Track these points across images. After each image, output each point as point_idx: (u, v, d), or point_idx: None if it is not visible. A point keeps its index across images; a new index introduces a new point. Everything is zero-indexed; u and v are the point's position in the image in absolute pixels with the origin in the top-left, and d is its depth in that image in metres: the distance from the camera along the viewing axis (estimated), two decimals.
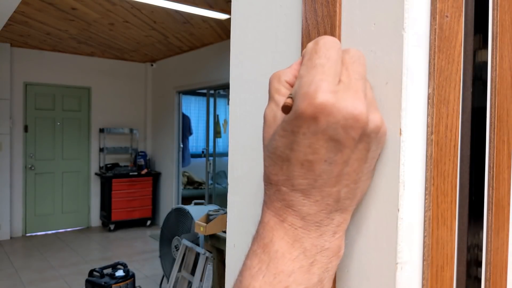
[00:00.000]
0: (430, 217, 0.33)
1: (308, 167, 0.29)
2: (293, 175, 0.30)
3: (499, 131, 0.42)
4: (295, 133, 0.29)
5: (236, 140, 0.48)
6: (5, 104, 5.80)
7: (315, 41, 0.31)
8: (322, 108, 0.27)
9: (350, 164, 0.30)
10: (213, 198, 5.93)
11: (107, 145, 6.69)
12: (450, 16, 0.34)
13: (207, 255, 3.26)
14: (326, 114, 0.28)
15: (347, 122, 0.28)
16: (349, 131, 0.28)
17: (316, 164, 0.29)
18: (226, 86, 5.30)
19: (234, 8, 0.49)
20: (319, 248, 0.30)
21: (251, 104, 0.46)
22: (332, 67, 0.29)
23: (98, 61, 6.62)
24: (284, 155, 0.30)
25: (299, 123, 0.28)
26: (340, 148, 0.29)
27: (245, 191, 0.47)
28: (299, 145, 0.29)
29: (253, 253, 0.31)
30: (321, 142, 0.28)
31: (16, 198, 6.00)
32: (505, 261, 0.44)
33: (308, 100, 0.28)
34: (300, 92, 0.28)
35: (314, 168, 0.29)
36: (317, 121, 0.28)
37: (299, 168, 0.29)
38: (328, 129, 0.28)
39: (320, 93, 0.28)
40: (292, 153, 0.29)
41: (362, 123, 0.28)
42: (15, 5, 3.68)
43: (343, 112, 0.28)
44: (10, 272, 4.62)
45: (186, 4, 3.92)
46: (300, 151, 0.29)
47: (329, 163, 0.29)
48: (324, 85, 0.28)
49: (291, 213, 0.30)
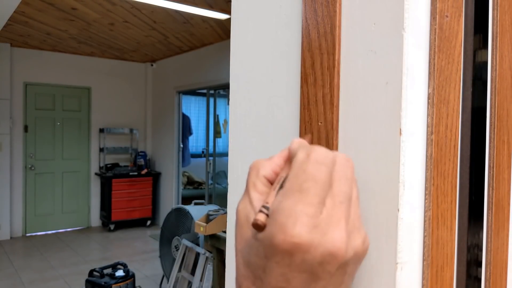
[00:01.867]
0: (430, 217, 0.33)
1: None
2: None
3: (499, 131, 0.42)
4: (268, 259, 0.27)
5: (236, 140, 0.48)
6: (5, 104, 5.80)
7: (306, 153, 0.29)
8: (298, 247, 0.26)
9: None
10: (213, 198, 5.93)
11: (107, 145, 6.68)
12: (450, 16, 0.34)
13: (207, 255, 3.26)
14: (302, 252, 0.26)
15: (324, 259, 0.26)
16: (326, 266, 0.27)
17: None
18: (226, 86, 5.30)
19: (234, 8, 0.49)
20: None
21: (251, 104, 0.46)
22: (317, 193, 0.27)
23: (98, 61, 6.62)
24: (257, 274, 0.28)
25: (273, 252, 0.27)
26: (315, 279, 0.27)
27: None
28: (272, 271, 0.27)
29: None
30: (294, 274, 0.27)
31: (16, 198, 5.99)
32: (505, 261, 0.44)
33: (284, 235, 0.26)
34: (277, 219, 0.26)
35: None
36: (292, 256, 0.26)
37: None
38: (303, 264, 0.27)
39: (299, 228, 0.26)
40: (265, 275, 0.28)
41: (340, 258, 0.27)
42: (15, 5, 3.68)
43: (320, 249, 0.26)
44: (10, 272, 4.62)
45: (186, 4, 3.92)
46: (272, 277, 0.27)
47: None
48: (304, 220, 0.26)
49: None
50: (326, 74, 0.36)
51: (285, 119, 0.41)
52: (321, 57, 0.36)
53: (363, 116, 0.34)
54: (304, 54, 0.38)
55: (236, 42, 0.48)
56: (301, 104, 0.38)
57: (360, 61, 0.35)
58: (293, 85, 0.40)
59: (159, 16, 4.39)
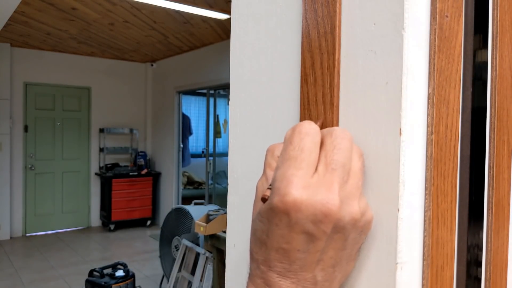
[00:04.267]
0: (430, 217, 0.33)
1: (283, 253, 0.30)
2: (269, 258, 0.31)
3: (499, 131, 0.42)
4: (270, 222, 0.30)
5: (236, 140, 0.48)
6: (5, 104, 5.80)
7: (292, 128, 0.32)
8: (292, 205, 0.28)
9: (325, 252, 0.30)
10: (213, 198, 5.93)
11: (107, 145, 6.68)
12: (450, 16, 0.34)
13: (207, 255, 3.26)
14: (295, 211, 0.29)
15: (316, 217, 0.29)
16: (319, 225, 0.29)
17: (290, 252, 0.30)
18: (226, 86, 5.31)
19: (234, 8, 0.49)
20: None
21: (251, 104, 0.46)
22: (305, 159, 0.30)
23: (98, 61, 6.62)
24: (262, 239, 0.31)
25: (272, 215, 0.30)
26: (312, 240, 0.30)
27: (245, 191, 0.47)
28: (273, 233, 0.30)
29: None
30: (293, 234, 0.29)
31: (16, 198, 5.99)
32: (505, 261, 0.44)
33: (279, 196, 0.29)
34: (274, 185, 0.30)
35: (288, 255, 0.30)
36: (288, 216, 0.29)
37: (275, 253, 0.30)
38: (298, 223, 0.29)
39: (290, 189, 0.29)
40: (268, 239, 0.31)
41: (333, 218, 0.29)
42: (15, 5, 3.68)
43: (312, 209, 0.29)
44: (10, 272, 4.62)
45: (186, 4, 3.92)
46: (274, 239, 0.30)
47: (303, 252, 0.30)
48: (295, 181, 0.29)
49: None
50: (326, 74, 0.36)
51: (285, 119, 0.41)
52: (321, 57, 0.36)
53: (363, 116, 0.34)
54: (304, 54, 0.38)
55: (236, 42, 0.48)
56: (301, 104, 0.38)
57: (360, 61, 0.35)
58: (293, 85, 0.40)
59: (159, 16, 4.39)
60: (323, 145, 0.31)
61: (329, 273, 0.31)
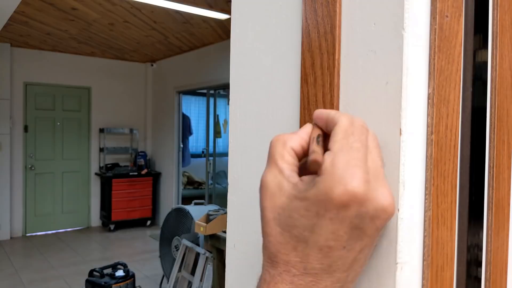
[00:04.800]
0: (430, 217, 0.33)
1: (326, 252, 0.28)
2: (307, 259, 0.28)
3: (499, 131, 0.42)
4: (320, 216, 0.28)
5: (236, 140, 0.48)
6: (5, 104, 5.80)
7: (349, 120, 0.30)
8: (357, 197, 0.27)
9: (364, 250, 0.29)
10: (213, 198, 5.93)
11: (107, 145, 6.68)
12: (450, 16, 0.34)
13: (207, 255, 3.26)
14: (358, 204, 0.27)
15: (376, 213, 0.28)
16: (376, 221, 0.28)
17: (335, 250, 0.28)
18: (226, 86, 5.30)
19: (234, 8, 0.49)
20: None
21: (251, 104, 0.46)
22: (365, 153, 0.29)
23: (98, 61, 6.61)
24: (301, 236, 0.28)
25: (328, 207, 0.27)
26: (362, 237, 0.28)
27: (245, 191, 0.47)
28: (322, 229, 0.28)
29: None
30: (346, 229, 0.28)
31: (16, 198, 5.99)
32: (505, 261, 0.44)
33: (343, 185, 0.27)
34: (335, 173, 0.27)
35: (332, 254, 0.28)
36: (348, 209, 0.27)
37: (316, 252, 0.28)
38: (356, 218, 0.27)
39: (356, 181, 0.27)
40: (312, 235, 0.28)
41: (390, 214, 0.28)
42: (15, 5, 3.68)
43: (374, 203, 0.27)
44: (10, 272, 4.62)
45: (186, 4, 3.92)
46: (321, 235, 0.28)
47: (347, 250, 0.28)
48: (360, 173, 0.27)
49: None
50: (326, 74, 0.36)
51: (285, 119, 0.41)
52: (321, 57, 0.36)
53: (363, 116, 0.34)
54: (304, 54, 0.38)
55: (236, 42, 0.48)
56: (301, 104, 0.38)
57: (360, 61, 0.35)
58: (293, 85, 0.40)
59: (159, 16, 4.39)
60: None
61: (357, 273, 0.30)
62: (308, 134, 0.33)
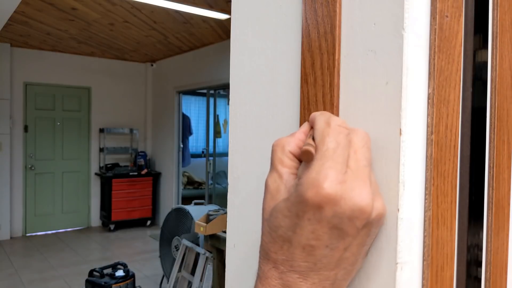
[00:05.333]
0: (430, 217, 0.33)
1: (309, 251, 0.29)
2: (293, 257, 0.30)
3: (499, 131, 0.42)
4: (300, 217, 0.29)
5: (236, 140, 0.48)
6: (5, 104, 5.80)
7: (326, 121, 0.31)
8: (329, 199, 0.28)
9: (350, 249, 0.30)
10: (213, 198, 5.93)
11: (107, 145, 6.68)
12: (450, 16, 0.34)
13: (207, 255, 3.26)
14: (332, 204, 0.28)
15: (353, 213, 0.28)
16: (354, 221, 0.28)
17: (317, 249, 0.29)
18: (226, 86, 5.30)
19: (234, 8, 0.49)
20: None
21: (251, 104, 0.46)
22: (341, 153, 0.29)
23: (98, 61, 6.62)
24: (286, 236, 0.30)
25: (305, 208, 0.28)
26: (343, 236, 0.29)
27: (245, 191, 0.47)
28: (302, 229, 0.29)
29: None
30: (325, 229, 0.29)
31: (16, 198, 5.99)
32: (505, 261, 0.44)
33: (315, 188, 0.28)
34: (309, 177, 0.28)
35: (315, 252, 0.29)
36: (323, 210, 0.28)
37: (300, 251, 0.29)
38: (333, 218, 0.28)
39: (328, 182, 0.28)
40: (294, 235, 0.29)
41: (368, 214, 0.29)
42: (15, 5, 3.68)
43: (350, 203, 0.28)
44: (10, 272, 4.62)
45: (186, 4, 3.92)
46: (302, 235, 0.29)
47: (331, 249, 0.29)
48: (333, 174, 0.28)
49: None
50: (326, 74, 0.36)
51: (285, 119, 0.41)
52: (321, 57, 0.36)
53: (363, 116, 0.34)
54: (304, 54, 0.38)
55: (236, 42, 0.48)
56: (301, 104, 0.38)
57: (360, 61, 0.35)
58: (293, 85, 0.40)
59: (159, 16, 4.39)
60: (351, 142, 0.31)
61: (348, 271, 0.31)
62: (306, 134, 0.33)
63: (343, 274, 0.31)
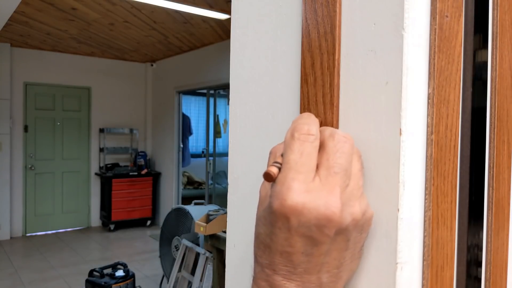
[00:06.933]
0: (430, 217, 0.33)
1: (287, 257, 0.30)
2: (274, 262, 0.31)
3: (499, 131, 0.42)
4: (273, 226, 0.30)
5: (236, 140, 0.48)
6: (5, 104, 5.80)
7: (291, 132, 0.31)
8: (293, 210, 0.28)
9: (329, 254, 0.30)
10: (213, 198, 5.93)
11: (107, 145, 6.68)
12: (450, 16, 0.34)
13: (207, 255, 3.26)
14: (297, 215, 0.28)
15: (320, 221, 0.28)
16: (323, 229, 0.29)
17: (293, 255, 0.30)
18: (226, 86, 5.30)
19: (234, 8, 0.49)
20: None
21: (251, 104, 0.46)
22: (305, 163, 0.30)
23: (98, 61, 6.62)
24: (265, 242, 0.31)
25: (275, 218, 0.29)
26: (316, 243, 0.29)
27: (245, 191, 0.47)
28: (277, 237, 0.30)
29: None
30: (295, 238, 0.29)
31: (16, 198, 5.99)
32: (505, 261, 0.44)
33: (279, 200, 0.29)
34: (275, 189, 0.29)
35: (292, 258, 0.30)
36: (289, 220, 0.29)
37: (279, 256, 0.30)
38: (300, 227, 0.29)
39: (291, 193, 0.28)
40: (272, 242, 0.30)
41: (335, 222, 0.29)
42: (15, 5, 3.68)
43: (314, 213, 0.28)
44: (10, 272, 4.62)
45: (186, 4, 3.92)
46: (278, 242, 0.30)
47: (307, 255, 0.30)
48: (295, 185, 0.29)
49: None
50: (326, 74, 0.36)
51: (285, 119, 0.41)
52: (321, 57, 0.36)
53: (363, 116, 0.34)
54: (304, 54, 0.38)
55: (236, 42, 0.48)
56: (301, 104, 0.38)
57: (360, 61, 0.35)
58: (293, 85, 0.40)
59: (159, 16, 4.39)
60: (325, 147, 0.31)
61: (334, 274, 0.31)
62: None
63: (329, 277, 0.31)
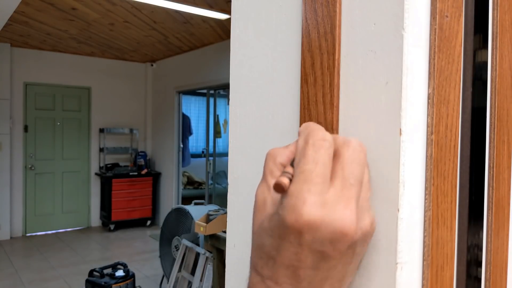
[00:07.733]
0: (430, 217, 0.33)
1: (293, 271, 0.29)
2: (277, 274, 0.29)
3: (499, 131, 0.42)
4: (282, 239, 0.28)
5: (236, 140, 0.48)
6: (5, 104, 5.80)
7: (305, 139, 0.30)
8: (309, 225, 0.27)
9: (335, 268, 0.29)
10: (213, 198, 5.93)
11: (107, 145, 6.68)
12: (450, 16, 0.34)
13: (207, 255, 3.26)
14: (313, 230, 0.27)
15: (335, 236, 0.27)
16: (336, 244, 0.28)
17: (300, 270, 0.29)
18: (226, 86, 5.30)
19: (234, 8, 0.49)
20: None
21: (251, 104, 0.46)
22: (320, 173, 0.28)
23: (98, 61, 6.61)
24: (270, 254, 0.30)
25: (286, 231, 0.28)
26: (326, 259, 0.28)
27: (245, 191, 0.47)
28: (285, 251, 0.29)
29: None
30: (306, 253, 0.28)
31: (16, 198, 5.99)
32: (505, 261, 0.44)
33: (295, 214, 0.27)
34: (288, 202, 0.28)
35: (298, 272, 0.29)
36: (303, 236, 0.27)
37: (284, 269, 0.29)
38: (314, 243, 0.28)
39: (307, 207, 0.27)
40: (278, 255, 0.29)
41: (350, 237, 0.28)
42: (15, 5, 3.68)
43: (330, 228, 0.27)
44: (10, 272, 4.62)
45: (186, 4, 3.92)
46: (285, 256, 0.29)
47: (313, 269, 0.29)
48: (311, 199, 0.27)
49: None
50: (326, 74, 0.36)
51: (285, 119, 0.41)
52: (321, 57, 0.36)
53: (363, 116, 0.34)
54: (304, 54, 0.38)
55: (236, 42, 0.48)
56: (301, 104, 0.38)
57: (360, 61, 0.35)
58: (293, 85, 0.40)
59: (159, 16, 4.39)
60: (339, 156, 0.29)
61: (335, 287, 0.31)
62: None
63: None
